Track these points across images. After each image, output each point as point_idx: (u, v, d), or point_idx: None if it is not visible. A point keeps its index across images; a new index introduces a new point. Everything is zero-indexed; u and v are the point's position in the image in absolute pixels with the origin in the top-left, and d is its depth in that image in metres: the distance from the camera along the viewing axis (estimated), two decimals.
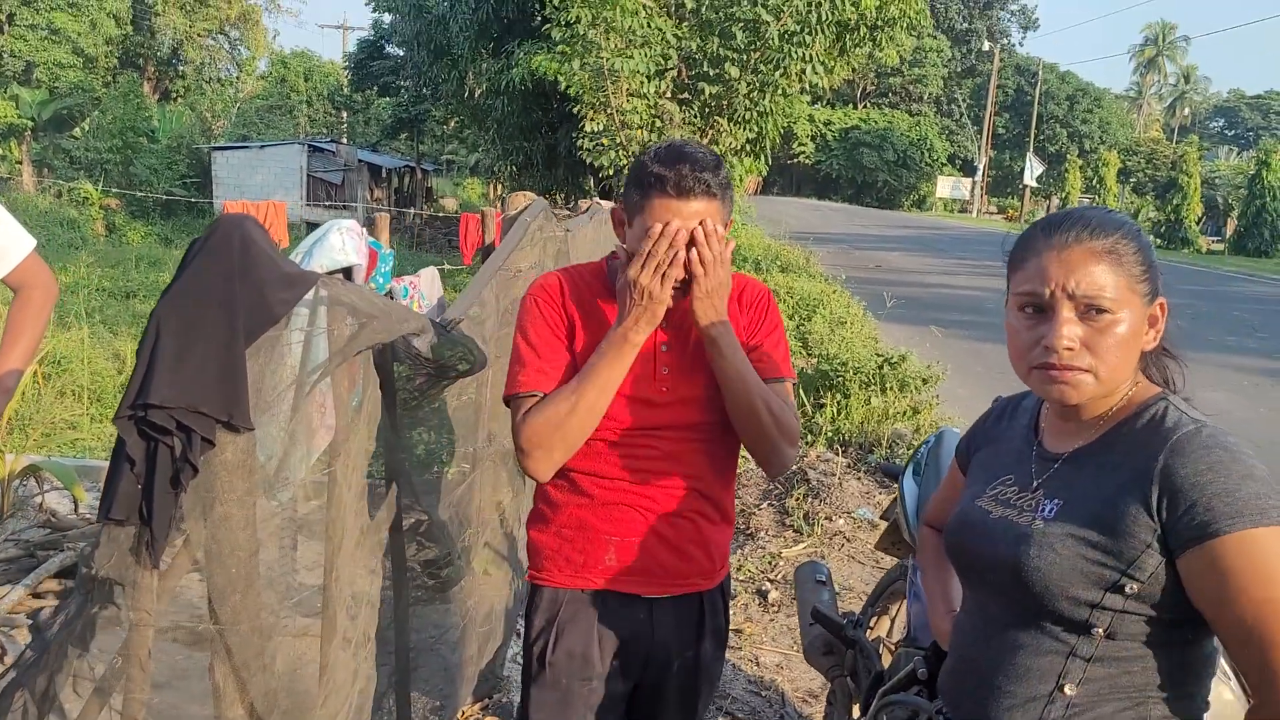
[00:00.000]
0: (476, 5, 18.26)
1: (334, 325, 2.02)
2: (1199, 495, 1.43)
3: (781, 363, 2.21)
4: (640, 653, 2.21)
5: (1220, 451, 1.45)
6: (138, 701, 1.75)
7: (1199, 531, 1.42)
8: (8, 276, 2.82)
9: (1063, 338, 1.53)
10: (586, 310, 2.15)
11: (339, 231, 3.89)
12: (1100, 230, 1.54)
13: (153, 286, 15.14)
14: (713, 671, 2.34)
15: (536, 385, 2.08)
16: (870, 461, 7.11)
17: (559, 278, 2.20)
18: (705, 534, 2.19)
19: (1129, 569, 1.48)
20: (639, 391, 2.10)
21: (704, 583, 2.23)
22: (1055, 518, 1.58)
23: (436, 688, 3.19)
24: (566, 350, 2.12)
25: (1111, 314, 1.52)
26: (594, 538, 2.15)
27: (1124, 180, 56.47)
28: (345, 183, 31.17)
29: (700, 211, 1.99)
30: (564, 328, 2.13)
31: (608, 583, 2.16)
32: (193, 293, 1.71)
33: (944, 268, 23.44)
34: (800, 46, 10.89)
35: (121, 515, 1.72)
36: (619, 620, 2.18)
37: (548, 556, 2.21)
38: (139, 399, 1.65)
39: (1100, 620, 1.52)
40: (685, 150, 2.04)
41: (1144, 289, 1.55)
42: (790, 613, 4.80)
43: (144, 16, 43.97)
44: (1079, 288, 1.52)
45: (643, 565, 2.15)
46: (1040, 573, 1.54)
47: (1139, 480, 1.50)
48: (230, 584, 1.75)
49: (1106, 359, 1.53)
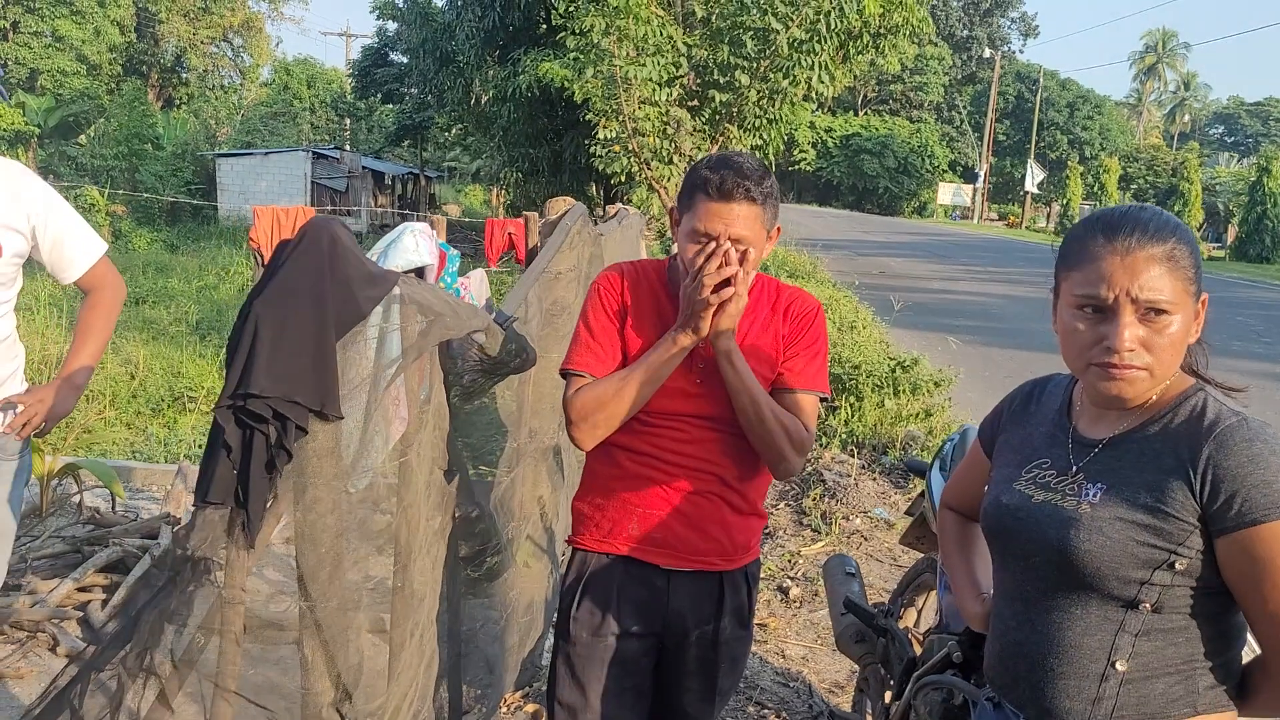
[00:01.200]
0: (482, 13, 18.41)
1: (406, 322, 2.13)
2: (1239, 485, 1.53)
3: (812, 376, 2.35)
4: (656, 619, 2.36)
5: (1260, 445, 1.55)
6: (232, 673, 1.86)
7: (1237, 519, 1.53)
8: (81, 279, 2.94)
9: (1125, 340, 1.59)
10: (644, 302, 2.34)
11: (412, 234, 4.06)
12: (1159, 234, 1.61)
13: (161, 292, 15.20)
14: (734, 649, 2.44)
15: (586, 366, 2.31)
16: (884, 463, 7.22)
17: (622, 271, 2.40)
18: (726, 518, 2.33)
19: (1178, 548, 1.58)
20: (675, 382, 2.27)
21: (722, 563, 2.36)
22: (1101, 501, 1.65)
23: (479, 677, 3.29)
24: (619, 335, 2.33)
25: (1170, 315, 1.60)
26: (621, 507, 2.33)
27: (1125, 187, 56.54)
28: (349, 189, 31.32)
29: (741, 215, 2.16)
30: (619, 316, 2.34)
31: (630, 549, 2.33)
32: (287, 290, 1.82)
33: (947, 273, 23.55)
34: (809, 54, 11.00)
35: (218, 499, 1.82)
36: (637, 585, 2.34)
37: (583, 521, 2.42)
38: (239, 389, 1.76)
39: (1148, 595, 1.61)
40: (733, 159, 2.22)
41: (1195, 289, 1.63)
42: (812, 608, 4.91)
43: (147, 24, 44.18)
44: (1142, 292, 1.58)
45: (662, 537, 2.31)
46: (1091, 554, 1.63)
47: (1183, 467, 1.59)
48: (320, 563, 1.86)
49: (1162, 358, 1.61)
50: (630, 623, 2.34)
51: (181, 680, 1.95)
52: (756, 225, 2.19)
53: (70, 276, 2.93)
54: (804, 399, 2.32)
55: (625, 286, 2.35)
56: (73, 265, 2.92)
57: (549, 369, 3.26)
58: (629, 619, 2.34)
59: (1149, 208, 1.67)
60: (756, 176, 2.18)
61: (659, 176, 11.39)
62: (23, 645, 3.81)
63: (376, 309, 2.04)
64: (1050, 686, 1.71)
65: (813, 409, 2.36)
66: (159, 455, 7.17)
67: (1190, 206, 45.79)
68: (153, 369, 9.55)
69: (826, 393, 2.41)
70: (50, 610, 3.93)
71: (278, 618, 2.18)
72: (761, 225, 2.21)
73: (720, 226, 2.15)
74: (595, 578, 2.36)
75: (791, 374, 2.32)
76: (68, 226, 2.90)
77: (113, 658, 1.99)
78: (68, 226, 2.90)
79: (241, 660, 1.91)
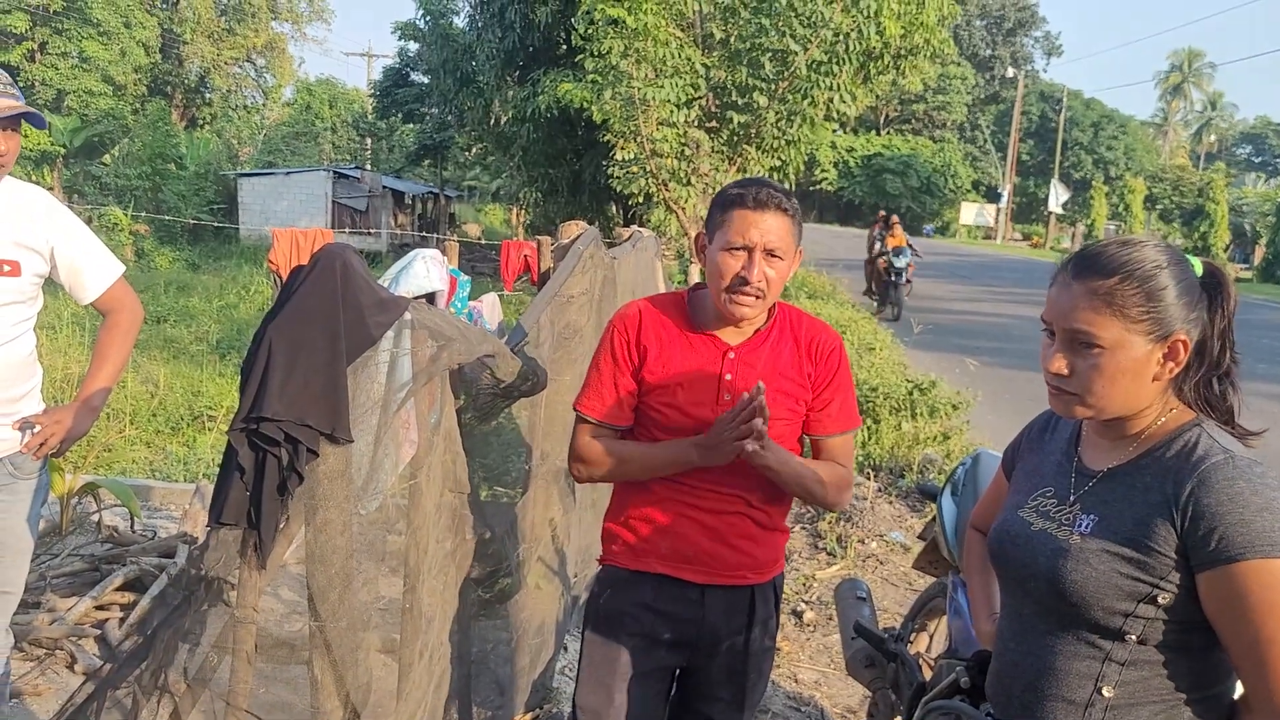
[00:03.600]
0: (502, 34, 18.55)
1: (417, 347, 2.16)
2: (1218, 522, 1.56)
3: (847, 417, 2.44)
4: (690, 632, 2.42)
5: (1243, 483, 1.57)
6: (243, 691, 1.88)
7: (1214, 556, 1.56)
8: (98, 300, 2.99)
9: (1050, 363, 1.72)
10: (663, 339, 2.38)
11: (423, 260, 4.11)
12: (1103, 273, 1.67)
13: (182, 311, 15.33)
14: (761, 661, 2.50)
15: (593, 411, 2.41)
16: (901, 486, 7.20)
17: (639, 310, 2.43)
18: (754, 534, 2.39)
19: (1160, 582, 1.62)
20: (701, 412, 2.33)
21: (754, 576, 2.43)
22: (1091, 533, 1.70)
23: (490, 698, 3.30)
24: (632, 378, 2.39)
25: (1099, 349, 1.66)
26: (652, 527, 2.40)
27: (1150, 207, 56.33)
28: (369, 209, 31.48)
29: (774, 227, 2.24)
30: (635, 358, 2.39)
31: (664, 568, 2.40)
32: (300, 315, 1.85)
33: (969, 294, 23.45)
34: (827, 76, 11.04)
35: (231, 520, 1.86)
36: (672, 600, 2.41)
37: (614, 541, 2.48)
38: (252, 412, 1.79)
39: (1133, 628, 1.65)
40: (760, 178, 2.36)
41: (1144, 327, 1.65)
42: (826, 632, 4.90)
43: (173, 45, 44.64)
44: (1068, 323, 1.69)
45: (694, 554, 2.37)
46: (1077, 585, 1.68)
47: (1168, 503, 1.62)
48: (330, 583, 1.89)
49: (1090, 388, 1.69)
50: (664, 631, 2.41)
51: (195, 699, 1.98)
52: (788, 237, 2.27)
53: (87, 298, 2.99)
54: (843, 441, 2.44)
55: (643, 324, 2.40)
56: (90, 287, 2.98)
57: (561, 392, 3.29)
58: (663, 628, 2.41)
59: (1130, 243, 1.72)
60: (785, 193, 2.29)
61: (676, 198, 11.43)
62: (41, 663, 3.85)
63: (388, 334, 2.07)
64: (1040, 708, 1.77)
65: (851, 446, 2.49)
66: (178, 474, 7.22)
67: (1217, 227, 45.57)
68: (173, 388, 9.64)
69: (859, 424, 2.52)
70: (68, 628, 3.97)
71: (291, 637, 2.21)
72: (792, 239, 2.29)
73: (756, 235, 2.22)
74: (628, 590, 2.43)
75: (829, 419, 2.41)
76: (85, 249, 2.96)
77: (128, 675, 2.02)
78: (85, 249, 2.96)
79: (254, 679, 1.94)
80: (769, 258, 2.24)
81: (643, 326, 2.39)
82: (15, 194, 2.86)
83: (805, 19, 10.70)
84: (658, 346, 2.37)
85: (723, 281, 2.26)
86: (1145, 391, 1.70)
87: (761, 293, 2.26)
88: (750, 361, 2.35)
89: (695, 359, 2.35)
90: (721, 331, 2.37)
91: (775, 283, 2.28)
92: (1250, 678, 1.59)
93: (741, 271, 2.23)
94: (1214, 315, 1.73)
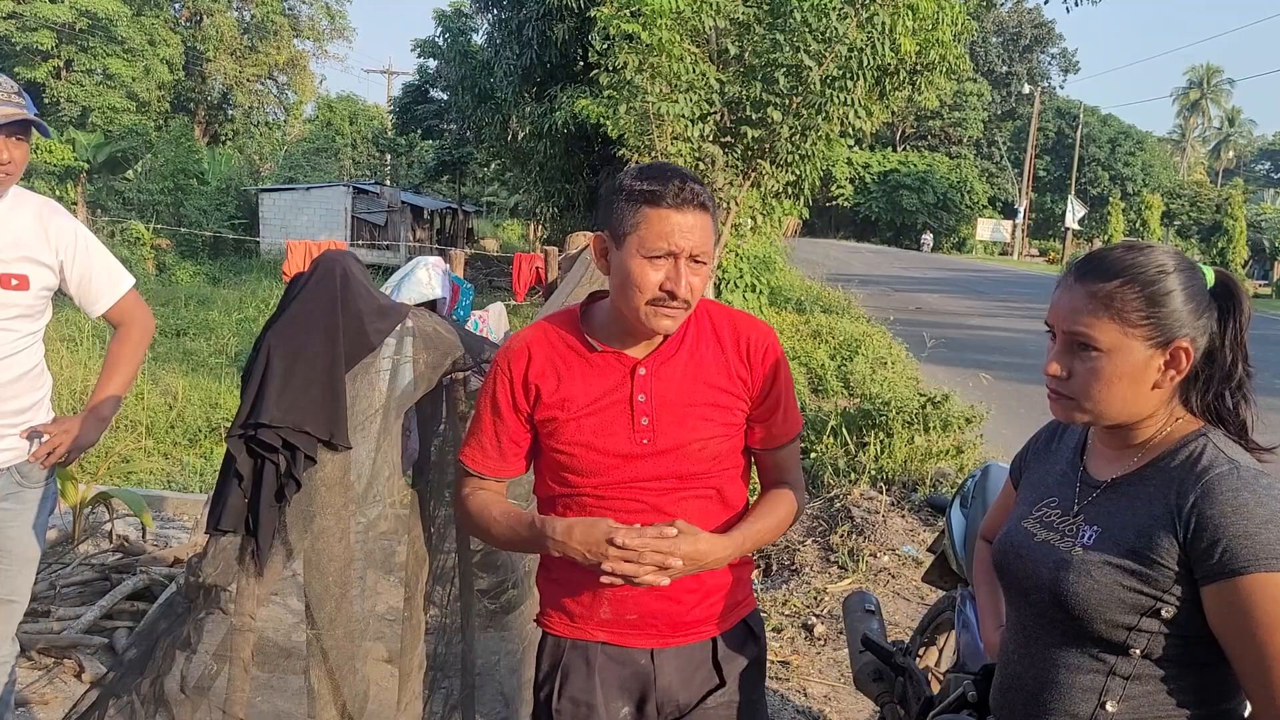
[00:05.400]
0: (520, 51, 18.66)
1: (418, 354, 2.17)
2: (1221, 535, 1.53)
3: (792, 422, 2.14)
4: (647, 697, 2.09)
5: (1248, 494, 1.54)
6: (240, 700, 1.89)
7: (1218, 569, 1.53)
8: (109, 312, 3.01)
9: (1047, 365, 1.72)
10: (560, 369, 2.04)
11: (425, 268, 4.12)
12: (1105, 275, 1.66)
13: (201, 324, 15.45)
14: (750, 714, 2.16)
15: (473, 462, 2.08)
16: (914, 500, 7.16)
17: (526, 344, 2.07)
18: (705, 581, 2.05)
19: (1163, 595, 1.58)
20: (616, 446, 1.99)
21: (712, 629, 2.10)
22: (1093, 545, 1.67)
23: (495, 709, 3.29)
24: (522, 425, 2.05)
25: (1097, 351, 1.65)
26: (587, 589, 2.03)
27: (1168, 223, 56.02)
28: (388, 224, 31.66)
29: (697, 227, 1.91)
30: (525, 403, 2.04)
31: (606, 635, 2.07)
32: (299, 322, 1.86)
33: (985, 309, 23.40)
34: (842, 91, 11.03)
35: (229, 527, 1.86)
36: (621, 670, 2.08)
37: (549, 603, 2.14)
38: (250, 418, 1.80)
39: (1137, 641, 1.61)
40: (670, 166, 1.96)
41: (1143, 332, 1.63)
42: (836, 646, 4.87)
43: (196, 62, 45.13)
44: (1068, 325, 1.68)
45: (638, 617, 2.04)
46: (1079, 598, 1.64)
47: (1171, 515, 1.59)
48: (327, 591, 1.89)
49: (1087, 392, 1.67)
50: (618, 704, 2.08)
51: (194, 708, 1.98)
52: (710, 235, 1.95)
53: (97, 310, 3.01)
54: (791, 450, 2.15)
55: (532, 360, 2.03)
56: (100, 299, 2.99)
57: None
58: (615, 700, 2.08)
59: (1133, 247, 1.70)
60: (699, 181, 1.95)
61: None
62: (49, 671, 3.86)
63: (388, 341, 2.08)
64: None
65: (798, 451, 2.20)
66: (194, 485, 7.27)
67: (1235, 243, 45.28)
68: (191, 400, 9.71)
69: (802, 423, 2.22)
70: (77, 637, 3.99)
71: (297, 646, 2.20)
72: (713, 236, 1.96)
73: (681, 240, 1.89)
74: (574, 665, 2.08)
75: (777, 429, 2.10)
76: (95, 261, 2.98)
77: (130, 684, 2.03)
78: (95, 261, 2.98)
79: (253, 688, 1.94)
80: (693, 263, 1.92)
81: (531, 362, 2.03)
82: (24, 205, 2.87)
83: (819, 34, 10.70)
84: (554, 380, 2.02)
85: (642, 295, 1.91)
86: (1145, 398, 1.67)
87: (688, 304, 1.94)
88: (665, 375, 2.01)
89: (599, 383, 2.01)
90: (626, 346, 2.02)
91: (699, 289, 1.95)
92: (1255, 693, 1.56)
93: (667, 284, 1.90)
94: (1225, 325, 1.69)
